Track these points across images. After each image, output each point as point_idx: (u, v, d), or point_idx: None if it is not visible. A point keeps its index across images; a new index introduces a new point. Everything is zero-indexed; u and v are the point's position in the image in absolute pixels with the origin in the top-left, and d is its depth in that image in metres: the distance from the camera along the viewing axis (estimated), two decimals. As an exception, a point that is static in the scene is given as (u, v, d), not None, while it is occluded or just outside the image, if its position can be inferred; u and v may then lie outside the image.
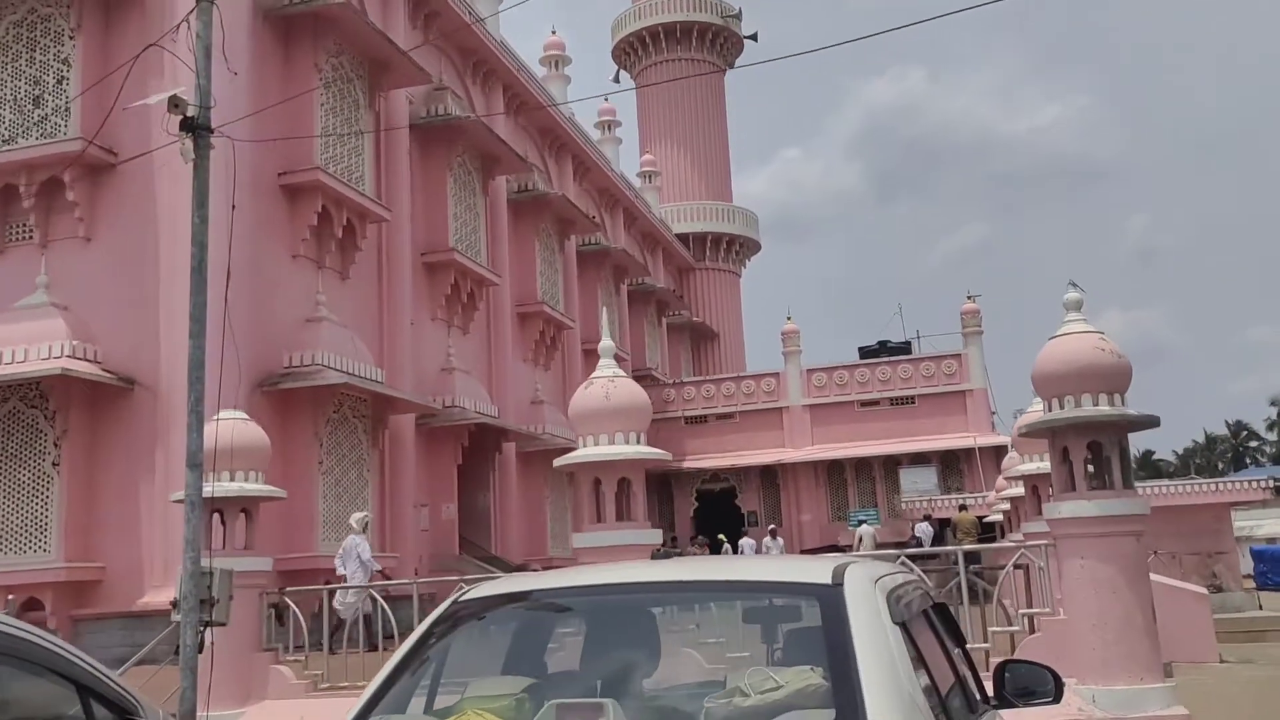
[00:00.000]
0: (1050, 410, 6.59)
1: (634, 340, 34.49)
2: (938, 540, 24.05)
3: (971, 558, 17.23)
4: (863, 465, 31.38)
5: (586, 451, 7.12)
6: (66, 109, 15.70)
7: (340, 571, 14.30)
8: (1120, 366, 6.50)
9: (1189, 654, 15.07)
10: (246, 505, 7.75)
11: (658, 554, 2.90)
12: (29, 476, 14.98)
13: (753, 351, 44.69)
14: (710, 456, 32.49)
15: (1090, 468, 6.63)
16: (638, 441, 7.19)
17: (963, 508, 24.23)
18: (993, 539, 20.39)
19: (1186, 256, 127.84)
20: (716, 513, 32.03)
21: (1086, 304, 6.78)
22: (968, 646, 7.12)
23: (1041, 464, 8.35)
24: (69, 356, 14.85)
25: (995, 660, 6.94)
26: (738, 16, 44.80)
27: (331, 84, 18.01)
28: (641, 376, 34.01)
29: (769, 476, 32.33)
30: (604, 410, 7.13)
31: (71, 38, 15.90)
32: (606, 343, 7.53)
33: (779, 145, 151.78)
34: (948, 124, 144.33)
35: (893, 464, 30.86)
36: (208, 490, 7.59)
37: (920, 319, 60.56)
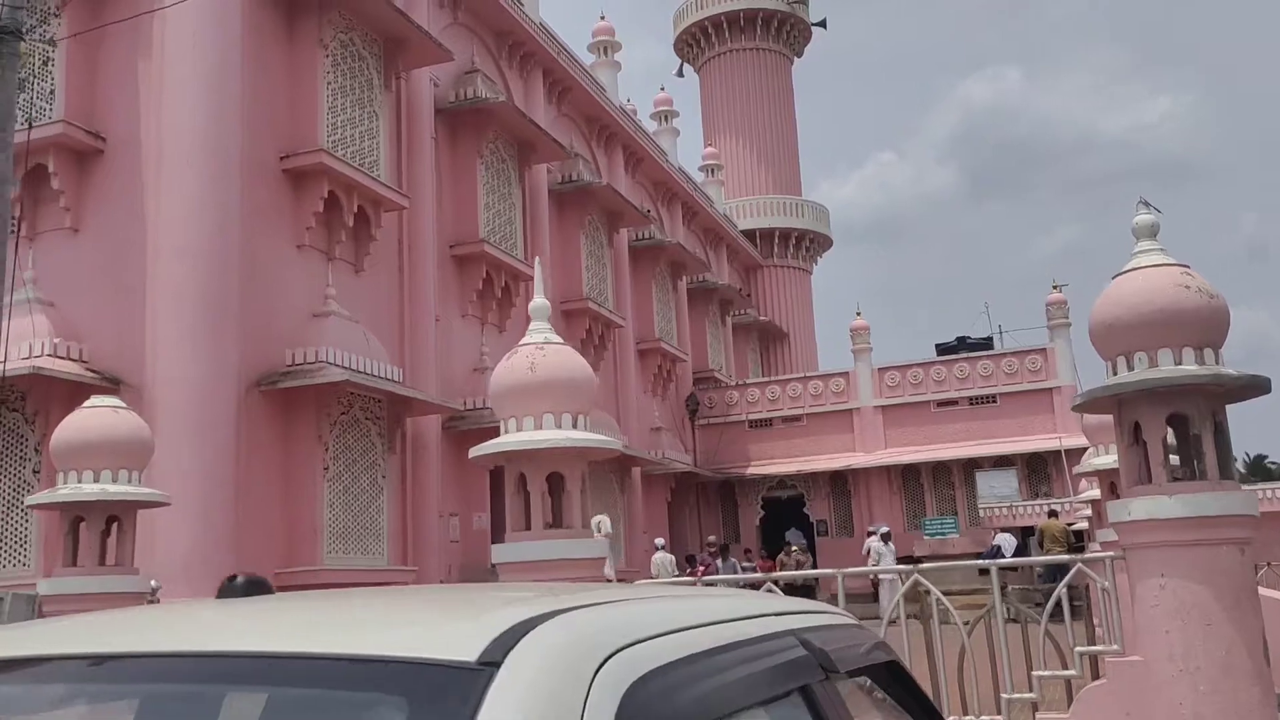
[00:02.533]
0: (1115, 374, 4.82)
1: (695, 340, 32.83)
2: (1020, 552, 21.89)
3: (1060, 573, 15.43)
4: (940, 470, 29.18)
5: (503, 440, 5.55)
6: (51, 91, 14.71)
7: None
8: (1213, 310, 4.70)
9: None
10: (117, 512, 6.34)
11: (229, 586, 1.55)
12: (9, 485, 13.98)
13: (828, 353, 42.70)
14: (777, 462, 30.62)
15: (1174, 456, 4.85)
16: (574, 425, 5.59)
17: (1053, 514, 22.01)
18: (1083, 549, 18.26)
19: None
20: (784, 521, 30.14)
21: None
22: (1009, 697, 5.44)
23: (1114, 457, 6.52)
24: (49, 355, 13.80)
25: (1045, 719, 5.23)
26: (804, 2, 42.91)
27: (340, 62, 16.77)
28: (703, 378, 32.38)
29: (839, 483, 30.33)
30: (528, 386, 5.55)
31: (57, 14, 14.92)
32: (539, 301, 5.95)
33: (871, 148, 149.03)
34: (1045, 123, 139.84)
35: (973, 468, 28.62)
36: (67, 492, 6.20)
37: (1012, 320, 57.55)
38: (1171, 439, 4.90)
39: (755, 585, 6.41)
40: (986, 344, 31.88)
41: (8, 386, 13.96)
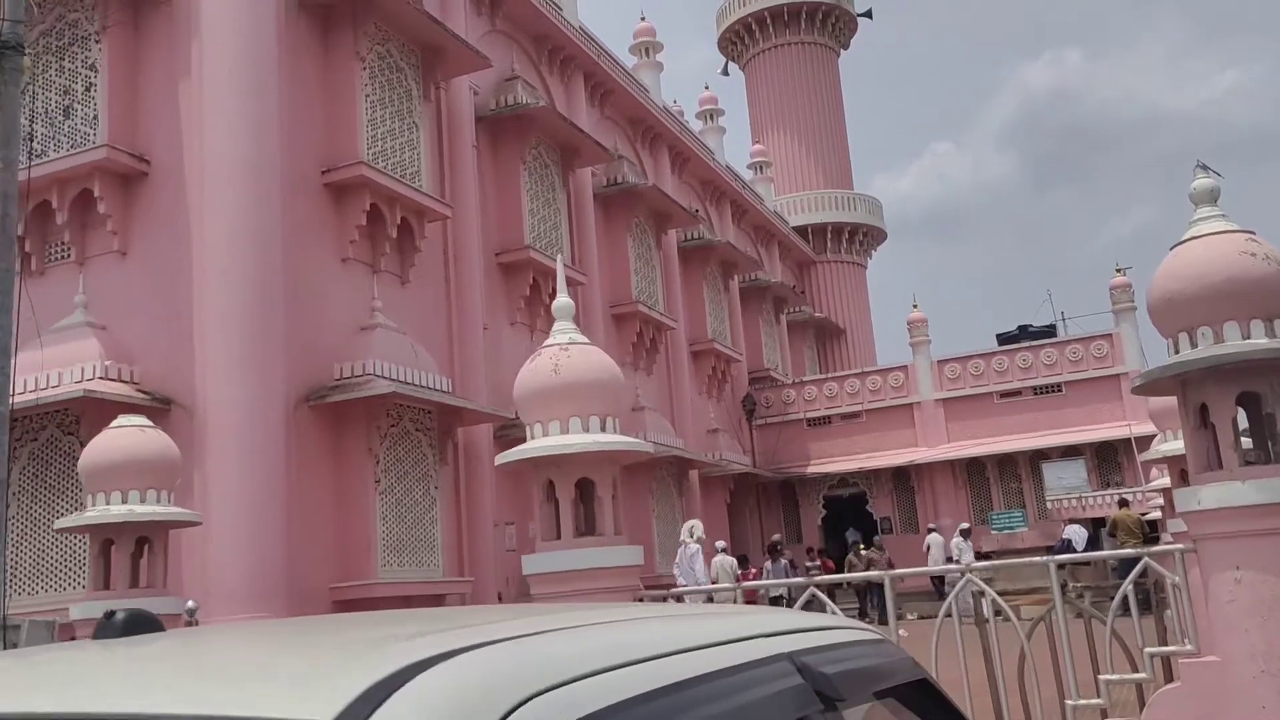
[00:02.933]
0: (1178, 352, 4.46)
1: (749, 340, 32.46)
2: (1091, 545, 21.23)
3: (1132, 566, 14.94)
4: (1006, 462, 28.48)
5: (528, 446, 5.32)
6: (95, 117, 14.85)
7: (681, 582, 15.49)
8: (1282, 277, 4.32)
9: None
10: (147, 533, 6.22)
11: (105, 624, 1.37)
12: (67, 507, 14.08)
13: (886, 348, 42.05)
14: (837, 460, 30.14)
15: (1246, 439, 4.48)
16: (604, 429, 5.35)
17: (1124, 504, 21.27)
18: (1157, 540, 17.62)
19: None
20: (847, 520, 29.66)
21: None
22: (1074, 703, 5.07)
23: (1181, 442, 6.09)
24: (101, 378, 13.90)
25: (1110, 727, 4.84)
26: (848, -7, 42.37)
27: (378, 74, 16.73)
28: (759, 378, 32.00)
29: (902, 479, 29.75)
30: (554, 389, 5.31)
31: (98, 41, 15.06)
32: (562, 300, 5.71)
33: (929, 139, 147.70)
34: (1110, 104, 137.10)
35: (1039, 459, 27.88)
36: (94, 514, 6.10)
37: (1080, 308, 56.20)
38: (1243, 421, 4.53)
39: (804, 587, 6.11)
40: (1049, 332, 31.14)
41: (63, 411, 14.12)
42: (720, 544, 20.06)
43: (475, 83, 19.85)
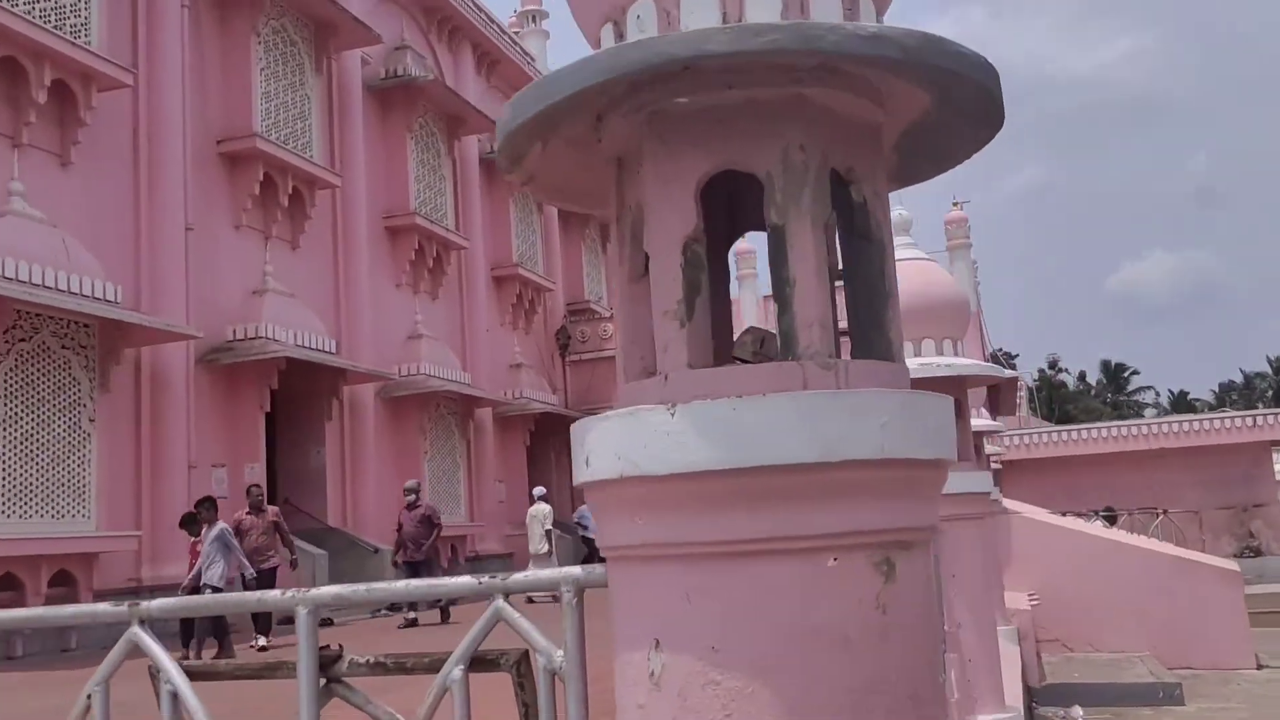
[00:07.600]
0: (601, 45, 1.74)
1: (568, 267, 29.62)
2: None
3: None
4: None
5: None
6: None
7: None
8: None
9: (1213, 658, 10.33)
10: None
11: None
12: None
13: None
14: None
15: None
16: None
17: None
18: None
19: (1242, 196, 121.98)
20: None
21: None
22: None
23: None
24: None
25: None
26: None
27: (273, 48, 17.08)
28: (578, 310, 29.48)
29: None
30: None
31: None
32: None
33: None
34: (1007, 63, 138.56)
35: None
36: None
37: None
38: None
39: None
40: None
41: None
42: (539, 490, 17.12)
43: (366, 53, 17.26)
